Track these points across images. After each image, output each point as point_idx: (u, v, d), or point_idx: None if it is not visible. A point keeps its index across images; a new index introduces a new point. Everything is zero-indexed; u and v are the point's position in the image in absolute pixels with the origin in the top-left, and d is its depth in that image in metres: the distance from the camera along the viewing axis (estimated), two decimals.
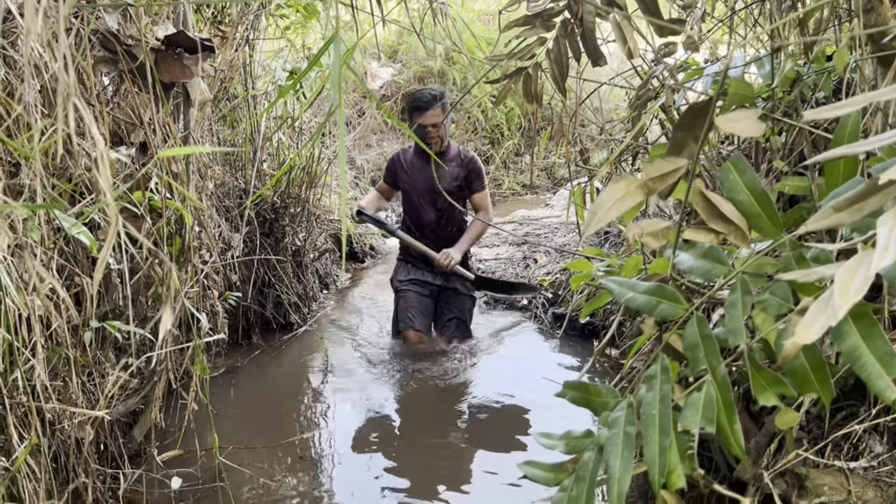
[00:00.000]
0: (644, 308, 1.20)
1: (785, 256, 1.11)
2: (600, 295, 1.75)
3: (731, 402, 1.04)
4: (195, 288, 2.92)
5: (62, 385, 2.25)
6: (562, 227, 6.30)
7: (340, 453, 3.11)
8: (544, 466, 1.26)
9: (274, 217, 4.34)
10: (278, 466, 3.00)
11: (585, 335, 4.47)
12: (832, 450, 1.47)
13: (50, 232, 2.24)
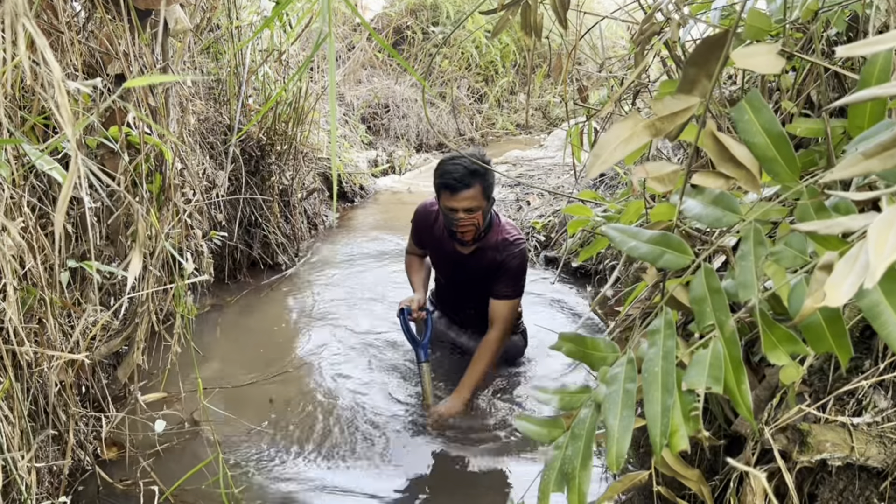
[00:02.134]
0: (647, 257, 1.12)
1: (801, 205, 1.03)
2: (597, 240, 1.67)
3: (740, 360, 0.98)
4: (177, 227, 2.82)
5: (39, 327, 2.17)
6: (556, 169, 6.19)
7: (326, 396, 3.08)
8: (538, 421, 1.20)
9: (260, 155, 4.21)
10: (262, 409, 2.96)
11: (578, 277, 4.42)
12: (834, 405, 1.42)
13: (20, 168, 2.12)
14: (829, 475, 1.42)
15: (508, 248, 2.84)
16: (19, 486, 1.96)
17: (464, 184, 2.60)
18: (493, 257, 2.86)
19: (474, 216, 2.68)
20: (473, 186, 2.61)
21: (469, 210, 2.65)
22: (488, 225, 2.84)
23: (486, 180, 2.67)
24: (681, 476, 1.32)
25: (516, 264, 2.84)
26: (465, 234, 2.75)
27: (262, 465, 2.59)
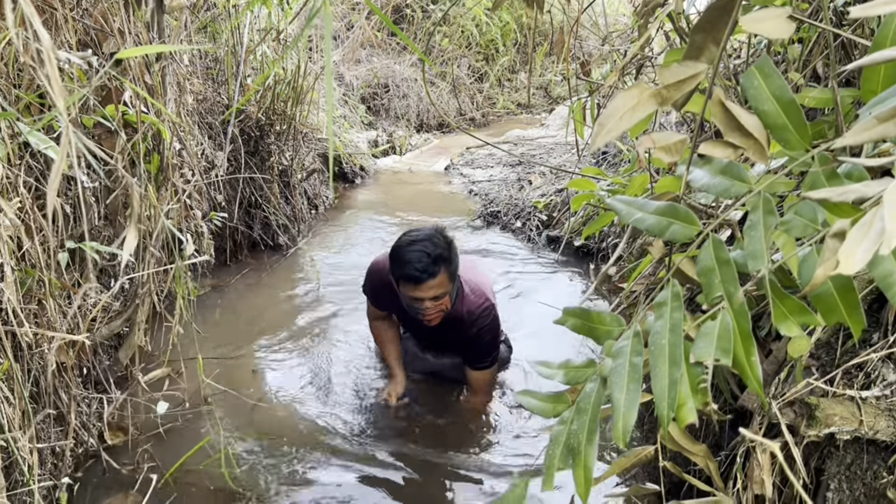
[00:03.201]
0: (654, 229, 1.10)
1: (812, 172, 1.00)
2: (601, 215, 1.65)
3: (749, 331, 0.96)
4: (176, 207, 2.79)
5: (38, 308, 2.16)
6: (558, 148, 6.15)
7: (327, 375, 3.07)
8: (541, 396, 1.19)
9: (259, 135, 4.17)
10: (264, 389, 2.96)
11: (580, 256, 4.40)
12: (842, 378, 1.40)
13: (15, 147, 2.10)
14: (837, 449, 1.40)
15: (477, 322, 2.56)
16: (21, 467, 1.96)
17: (428, 273, 2.31)
18: (462, 331, 2.59)
19: (441, 303, 2.43)
20: (439, 274, 2.33)
21: (436, 298, 2.40)
22: (455, 299, 2.56)
23: (452, 262, 2.40)
24: (687, 451, 1.31)
25: (488, 338, 2.62)
26: (433, 320, 2.49)
27: (264, 444, 2.59)
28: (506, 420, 2.76)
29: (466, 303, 2.57)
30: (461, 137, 7.66)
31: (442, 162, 6.88)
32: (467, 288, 2.60)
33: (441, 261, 2.33)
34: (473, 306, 2.56)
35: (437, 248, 2.34)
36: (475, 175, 6.28)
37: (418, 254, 2.32)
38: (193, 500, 2.29)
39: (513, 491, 1.12)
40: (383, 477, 2.44)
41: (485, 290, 2.63)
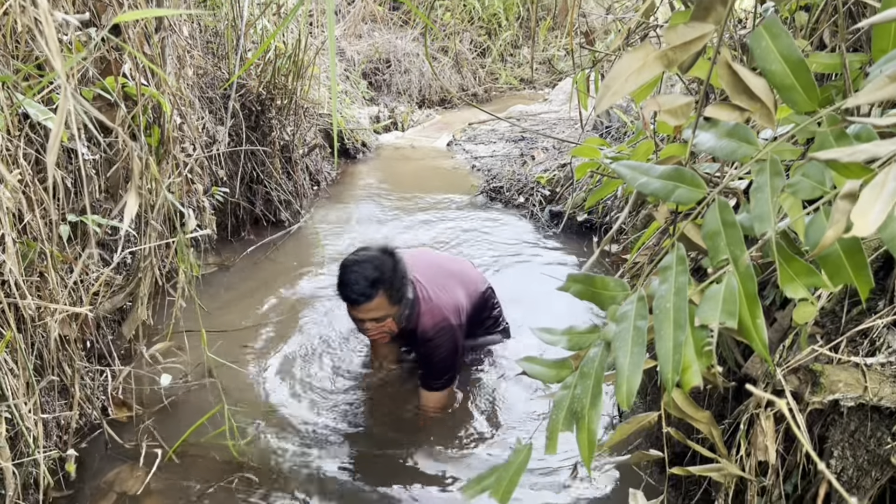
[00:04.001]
0: (659, 193, 1.08)
1: (820, 133, 0.99)
2: (606, 184, 1.63)
3: (755, 294, 0.95)
4: (177, 181, 2.78)
5: (40, 281, 2.15)
6: (561, 123, 6.10)
7: (330, 351, 3.08)
8: (545, 363, 1.18)
9: (260, 109, 4.14)
10: (268, 364, 2.97)
11: (583, 232, 4.39)
12: (847, 346, 1.39)
13: (14, 119, 2.08)
14: (840, 416, 1.40)
15: (429, 344, 2.50)
16: (27, 439, 1.97)
17: (365, 296, 2.29)
18: (419, 347, 2.58)
19: (383, 325, 2.39)
20: (375, 297, 2.29)
21: (376, 320, 2.37)
22: (409, 317, 2.49)
23: (393, 286, 2.34)
24: (690, 418, 1.31)
25: (438, 358, 2.53)
26: (379, 340, 2.50)
27: (268, 417, 2.60)
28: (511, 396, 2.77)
29: (421, 322, 2.51)
30: (463, 113, 7.62)
31: (444, 138, 6.84)
32: (424, 307, 2.53)
33: (379, 284, 2.30)
34: (427, 326, 2.50)
35: (376, 272, 2.31)
36: (478, 151, 6.25)
37: (356, 276, 2.30)
38: (199, 472, 2.31)
39: (516, 455, 1.12)
40: (383, 449, 2.45)
41: (445, 310, 2.54)
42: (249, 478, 2.28)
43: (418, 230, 4.52)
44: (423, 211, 4.87)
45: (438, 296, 2.58)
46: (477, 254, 4.11)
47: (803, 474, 1.51)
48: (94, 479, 2.26)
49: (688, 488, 2.03)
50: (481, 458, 2.40)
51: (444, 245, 4.25)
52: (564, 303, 3.42)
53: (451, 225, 4.61)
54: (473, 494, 1.15)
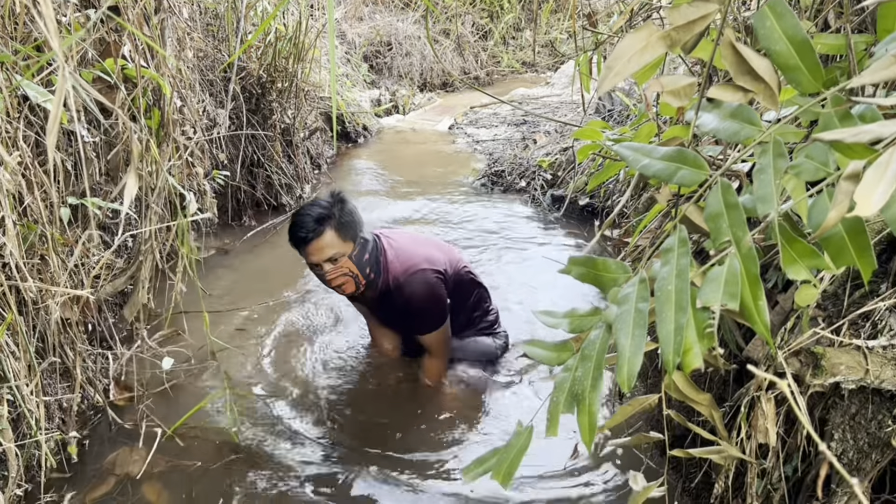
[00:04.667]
0: (662, 175, 1.08)
1: (825, 114, 0.98)
2: (608, 166, 1.62)
3: (757, 275, 0.94)
4: (178, 164, 2.77)
5: (41, 264, 2.15)
6: (563, 107, 6.08)
7: (331, 332, 3.08)
8: (546, 345, 1.18)
9: (260, 92, 4.13)
10: (269, 348, 2.97)
11: (585, 217, 4.38)
12: (849, 329, 1.39)
13: (14, 101, 2.07)
14: (841, 399, 1.40)
15: (402, 291, 2.47)
16: (29, 421, 1.97)
17: (312, 232, 2.28)
18: (397, 300, 2.51)
19: (340, 265, 2.34)
20: (324, 233, 2.29)
21: (332, 260, 2.33)
22: (375, 267, 2.47)
23: (340, 221, 2.32)
24: (691, 400, 1.30)
25: (418, 303, 2.49)
26: (343, 287, 2.40)
27: (269, 400, 2.61)
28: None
29: (391, 270, 2.50)
30: (465, 97, 7.59)
31: (445, 121, 6.82)
32: (392, 255, 2.53)
33: (325, 220, 2.30)
34: (398, 272, 2.48)
35: (321, 210, 2.31)
36: (479, 134, 6.23)
37: (303, 217, 2.31)
38: (199, 454, 2.32)
39: (518, 437, 1.12)
40: (383, 432, 2.46)
41: (415, 257, 2.52)
42: (249, 460, 2.29)
43: (419, 214, 4.51)
44: (424, 195, 4.86)
45: (408, 248, 2.56)
46: (477, 238, 4.10)
47: (803, 457, 1.52)
48: (95, 462, 2.27)
49: (688, 471, 2.04)
50: (480, 441, 2.41)
51: (444, 229, 4.24)
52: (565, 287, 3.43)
53: (451, 209, 4.61)
54: (474, 477, 1.15)
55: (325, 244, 2.30)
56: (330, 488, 2.19)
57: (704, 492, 1.93)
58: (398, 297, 2.49)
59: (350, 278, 2.38)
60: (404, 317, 2.59)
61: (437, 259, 2.57)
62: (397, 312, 2.59)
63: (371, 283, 2.47)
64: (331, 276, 2.36)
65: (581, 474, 2.23)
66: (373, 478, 2.23)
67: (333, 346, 2.99)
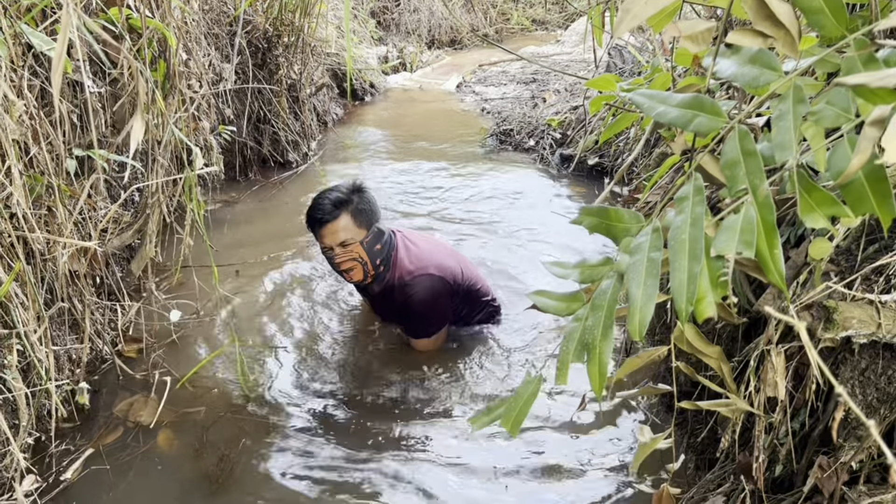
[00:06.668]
0: (678, 122, 1.05)
1: (848, 57, 0.95)
2: (621, 118, 1.60)
3: (773, 224, 0.93)
4: (184, 117, 2.75)
5: (48, 215, 2.15)
6: (573, 65, 5.99)
7: (338, 290, 3.08)
8: (556, 296, 1.17)
9: (267, 47, 4.07)
10: (276, 301, 2.98)
11: (594, 176, 4.35)
12: (861, 283, 1.37)
13: (18, 50, 2.05)
14: (852, 354, 1.39)
15: (405, 290, 2.48)
16: (39, 371, 1.99)
17: (329, 214, 2.34)
18: (397, 298, 2.52)
19: (351, 250, 2.37)
20: (340, 217, 2.34)
21: (343, 244, 2.36)
22: (386, 261, 2.49)
23: (357, 207, 2.37)
24: (700, 353, 1.30)
25: (416, 307, 2.49)
26: (351, 273, 2.42)
27: (276, 352, 2.62)
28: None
29: (400, 267, 2.51)
30: (473, 54, 7.48)
31: (454, 79, 6.73)
32: (403, 253, 2.54)
33: (342, 204, 2.36)
34: (405, 271, 2.50)
35: (340, 195, 2.37)
36: (488, 93, 6.16)
37: (322, 199, 2.38)
38: (209, 404, 2.34)
39: (526, 386, 1.12)
40: (390, 384, 2.47)
41: (426, 261, 2.53)
42: (259, 411, 2.31)
43: (426, 173, 4.48)
44: (432, 153, 4.83)
45: (422, 251, 2.58)
46: (485, 197, 4.08)
47: (811, 412, 1.52)
48: (106, 410, 2.29)
49: (693, 427, 2.04)
50: (488, 393, 2.42)
51: (451, 188, 4.22)
52: (574, 244, 3.42)
53: (459, 168, 4.58)
54: (482, 425, 1.15)
55: (339, 227, 2.35)
56: (340, 436, 2.21)
57: (710, 447, 1.94)
58: (399, 295, 2.50)
59: (359, 264, 2.42)
60: (401, 318, 2.64)
61: (448, 267, 2.57)
62: (395, 312, 2.63)
63: (379, 276, 2.50)
64: (340, 260, 2.40)
65: (587, 426, 2.24)
66: (382, 427, 2.25)
67: (339, 299, 3.00)
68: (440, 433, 2.25)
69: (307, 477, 2.06)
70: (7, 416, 1.95)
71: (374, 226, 2.43)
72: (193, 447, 2.16)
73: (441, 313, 2.59)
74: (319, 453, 2.15)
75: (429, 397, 2.41)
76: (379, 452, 2.16)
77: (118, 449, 2.14)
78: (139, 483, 2.03)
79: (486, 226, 3.70)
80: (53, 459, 2.08)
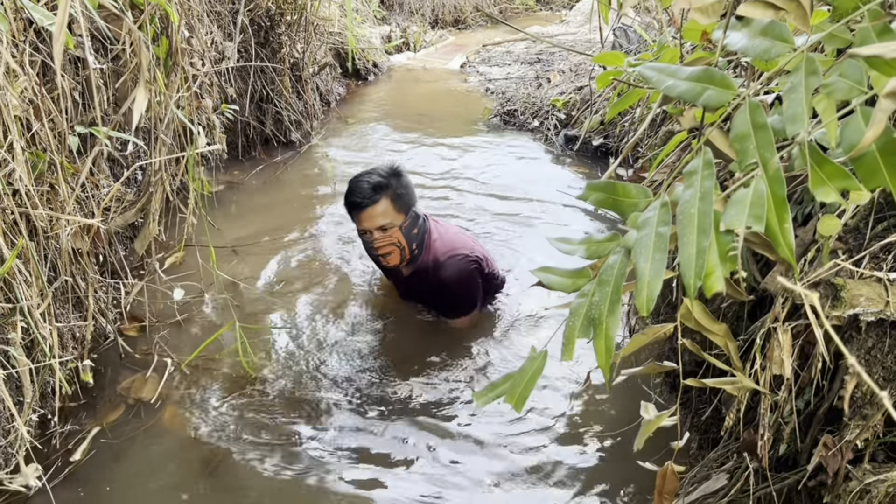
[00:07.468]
0: (687, 95, 1.04)
1: (862, 28, 0.93)
2: (629, 93, 1.58)
3: (784, 198, 0.91)
4: (186, 95, 2.73)
5: (51, 192, 2.14)
6: (578, 45, 5.94)
7: (342, 271, 3.08)
8: (561, 272, 1.16)
9: (269, 25, 4.04)
10: (282, 279, 2.98)
11: (598, 157, 4.32)
12: (870, 261, 1.36)
13: (20, 25, 2.03)
14: (858, 333, 1.38)
15: (439, 272, 2.48)
16: (42, 348, 1.99)
17: (369, 199, 2.34)
18: (432, 280, 2.53)
19: (390, 234, 2.39)
20: (379, 201, 2.34)
21: (382, 228, 2.38)
22: (420, 244, 2.50)
23: (396, 192, 2.38)
24: (706, 330, 1.29)
25: (452, 287, 2.52)
26: (388, 257, 2.44)
27: (279, 333, 2.62)
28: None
29: (433, 249, 2.53)
30: (477, 34, 7.43)
31: (457, 59, 6.69)
32: (436, 236, 2.56)
33: (382, 189, 2.36)
34: (439, 253, 2.51)
35: (379, 178, 2.37)
36: (492, 73, 6.12)
37: (360, 182, 2.38)
38: (212, 384, 2.34)
39: (531, 363, 1.12)
40: (393, 361, 2.48)
41: (458, 244, 2.55)
42: (262, 390, 2.32)
43: (429, 153, 4.46)
44: (435, 133, 4.80)
45: (451, 234, 2.60)
46: (489, 177, 4.06)
47: (816, 391, 1.51)
48: (110, 388, 2.30)
49: (697, 406, 2.04)
50: (492, 370, 2.42)
51: (454, 168, 4.20)
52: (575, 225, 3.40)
53: (463, 148, 4.55)
54: (487, 401, 1.15)
55: (378, 212, 2.36)
56: (342, 417, 2.21)
57: (713, 426, 1.94)
58: (434, 277, 2.51)
59: (397, 248, 2.43)
60: (435, 297, 2.65)
61: (477, 250, 2.61)
62: (428, 292, 2.63)
63: (414, 258, 2.52)
64: (379, 245, 2.41)
65: (591, 403, 2.24)
66: (385, 409, 2.26)
67: (343, 278, 2.99)
68: (446, 412, 2.25)
69: (308, 455, 2.07)
70: (12, 394, 1.95)
71: (412, 210, 2.45)
72: (194, 427, 2.16)
73: (474, 293, 2.62)
74: (322, 433, 2.16)
75: (434, 378, 2.41)
76: (381, 436, 2.16)
77: (121, 426, 2.15)
78: (142, 460, 2.04)
79: (489, 205, 3.68)
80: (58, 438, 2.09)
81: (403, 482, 1.99)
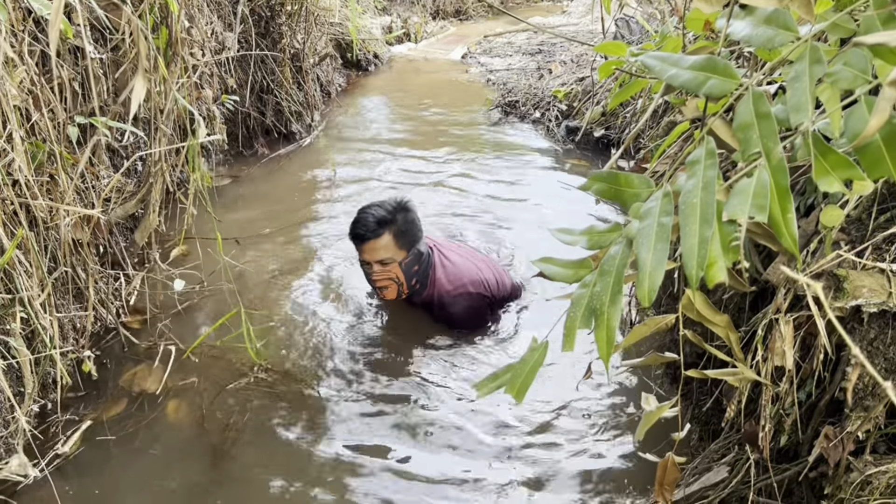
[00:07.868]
0: (690, 84, 1.03)
1: (867, 16, 0.93)
2: (631, 83, 1.57)
3: (787, 188, 0.91)
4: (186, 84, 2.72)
5: (51, 183, 2.13)
6: (580, 36, 5.91)
7: (344, 261, 3.08)
8: (563, 263, 1.15)
9: (270, 15, 4.02)
10: (285, 269, 2.97)
11: (599, 148, 4.31)
12: (872, 253, 1.36)
13: (19, 14, 2.02)
14: (861, 324, 1.38)
15: (444, 309, 2.53)
16: (43, 338, 1.99)
17: (371, 232, 2.36)
18: (437, 315, 2.58)
19: (389, 269, 2.41)
20: (382, 236, 2.36)
21: (382, 262, 2.40)
22: (423, 279, 2.52)
23: (400, 229, 2.39)
24: (708, 321, 1.28)
25: (459, 321, 2.56)
26: (385, 291, 2.48)
27: (282, 320, 2.62)
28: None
29: (438, 285, 2.54)
30: (478, 25, 7.40)
31: (459, 50, 6.67)
32: (441, 272, 2.56)
33: (386, 224, 2.38)
34: (444, 290, 2.53)
35: (387, 214, 2.39)
36: (493, 64, 6.09)
37: (367, 215, 2.39)
38: (216, 373, 2.34)
39: (532, 353, 1.11)
40: (396, 351, 2.48)
41: (464, 278, 2.54)
42: (266, 378, 2.32)
43: (430, 144, 4.45)
44: (436, 125, 4.79)
45: (458, 267, 2.59)
46: (491, 169, 4.05)
47: (817, 383, 1.51)
48: (112, 379, 2.30)
49: (698, 398, 2.04)
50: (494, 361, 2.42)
51: (455, 159, 4.18)
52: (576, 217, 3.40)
53: (464, 139, 4.54)
54: (487, 392, 1.14)
55: (380, 246, 2.38)
56: (346, 406, 2.21)
57: (714, 418, 1.94)
58: (439, 312, 2.56)
59: (395, 284, 2.47)
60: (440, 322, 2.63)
61: (483, 281, 2.59)
62: (434, 319, 2.63)
63: (415, 293, 2.55)
64: (377, 278, 2.45)
65: (593, 394, 2.24)
66: (389, 389, 2.26)
67: (344, 269, 2.99)
68: (448, 401, 2.25)
69: (313, 446, 2.07)
70: (12, 384, 1.95)
71: (415, 248, 2.46)
72: (199, 417, 2.16)
73: (483, 322, 2.63)
74: (326, 423, 2.16)
75: (437, 366, 2.41)
76: (385, 424, 2.16)
77: (124, 418, 2.15)
78: (143, 452, 2.04)
79: (490, 196, 3.67)
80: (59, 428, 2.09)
81: (405, 469, 1.99)
